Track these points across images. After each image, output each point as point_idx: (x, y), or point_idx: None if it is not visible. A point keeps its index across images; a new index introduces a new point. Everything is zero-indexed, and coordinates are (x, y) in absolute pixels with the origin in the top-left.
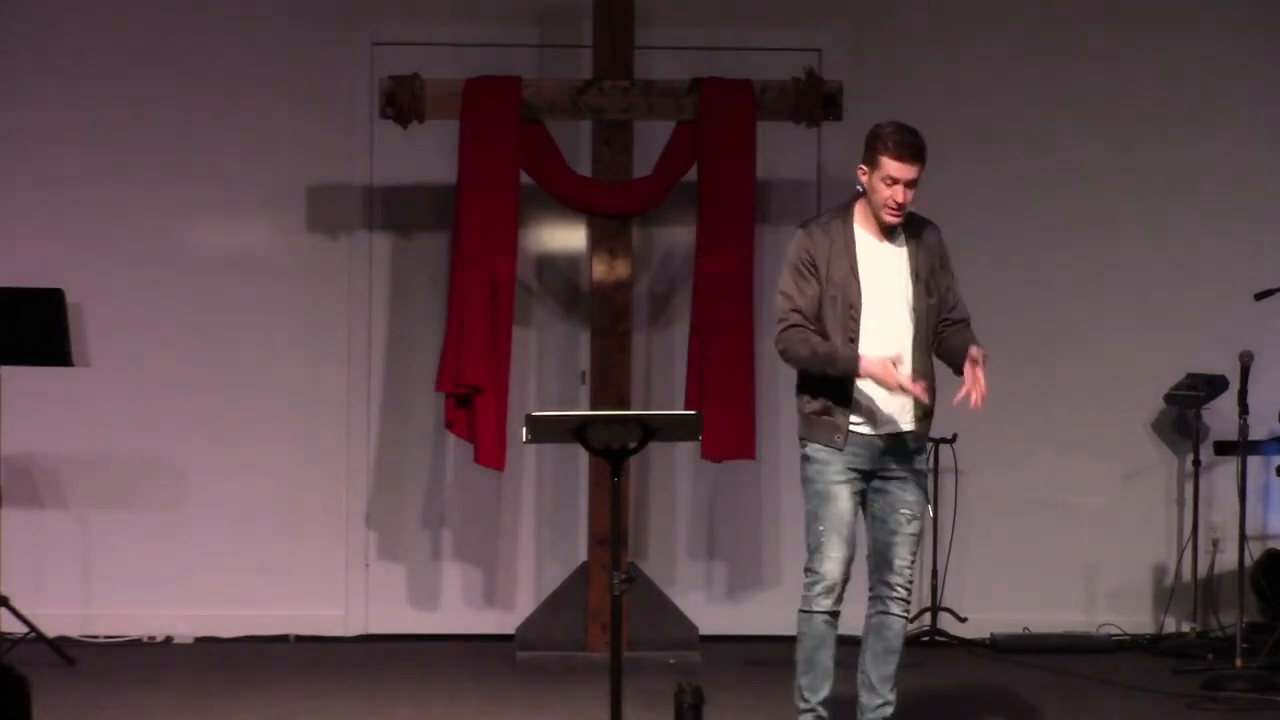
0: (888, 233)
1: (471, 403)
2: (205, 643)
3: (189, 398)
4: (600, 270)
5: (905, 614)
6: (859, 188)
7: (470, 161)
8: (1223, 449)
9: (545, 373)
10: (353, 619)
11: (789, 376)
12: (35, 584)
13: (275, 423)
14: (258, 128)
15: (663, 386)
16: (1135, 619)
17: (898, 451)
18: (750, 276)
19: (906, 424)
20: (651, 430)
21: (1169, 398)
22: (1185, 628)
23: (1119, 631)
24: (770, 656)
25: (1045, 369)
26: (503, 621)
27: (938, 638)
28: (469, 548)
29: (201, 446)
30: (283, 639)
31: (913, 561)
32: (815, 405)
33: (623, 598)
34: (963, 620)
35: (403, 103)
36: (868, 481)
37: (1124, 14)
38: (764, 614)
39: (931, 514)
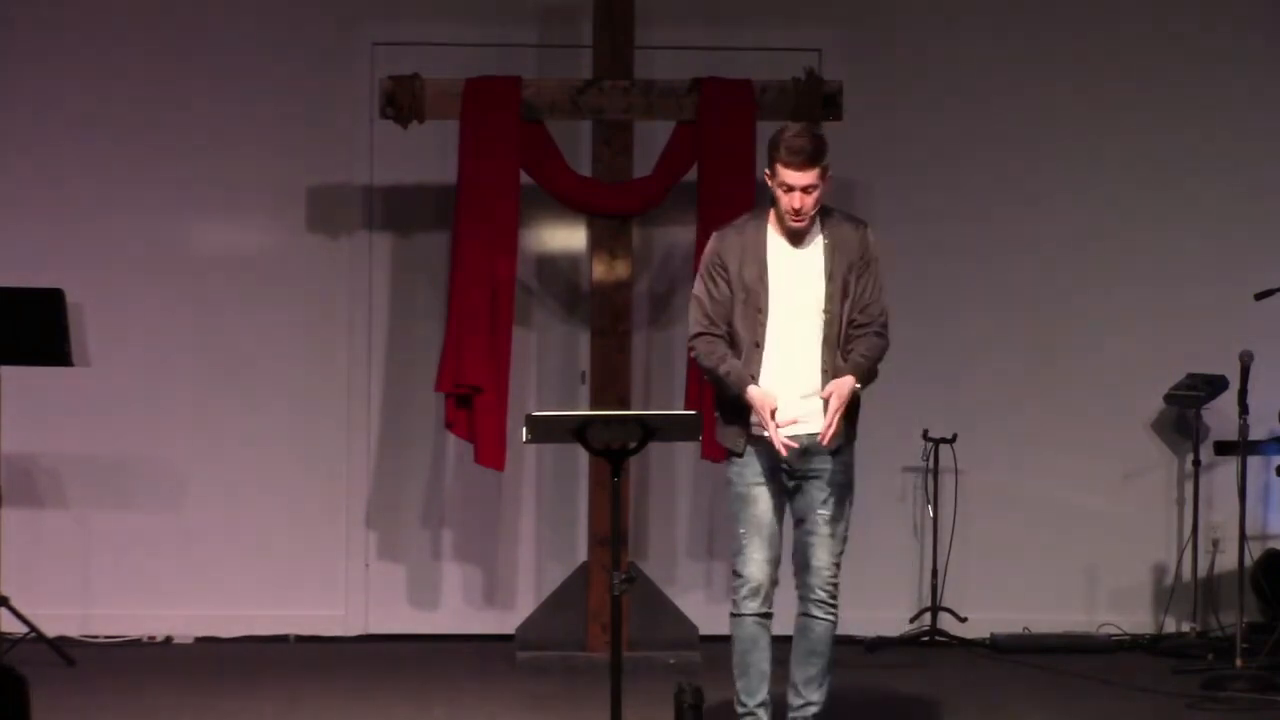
0: (803, 234)
1: (471, 403)
2: (205, 643)
3: (189, 398)
4: (600, 270)
5: (828, 616)
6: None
7: (470, 161)
8: (1223, 449)
9: (545, 373)
10: (353, 619)
11: None
12: (35, 584)
13: (275, 423)
14: (258, 127)
15: (663, 386)
16: (1135, 619)
17: (815, 452)
18: None
19: (817, 425)
20: (651, 430)
21: (1169, 398)
22: (1185, 628)
23: (1119, 631)
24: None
25: (1045, 369)
26: (503, 621)
27: (938, 638)
28: (469, 548)
29: (201, 446)
30: (283, 639)
31: (833, 563)
32: (725, 409)
33: (623, 598)
34: (963, 620)
35: (403, 103)
36: (790, 482)
37: (1124, 14)
38: None
39: (931, 514)
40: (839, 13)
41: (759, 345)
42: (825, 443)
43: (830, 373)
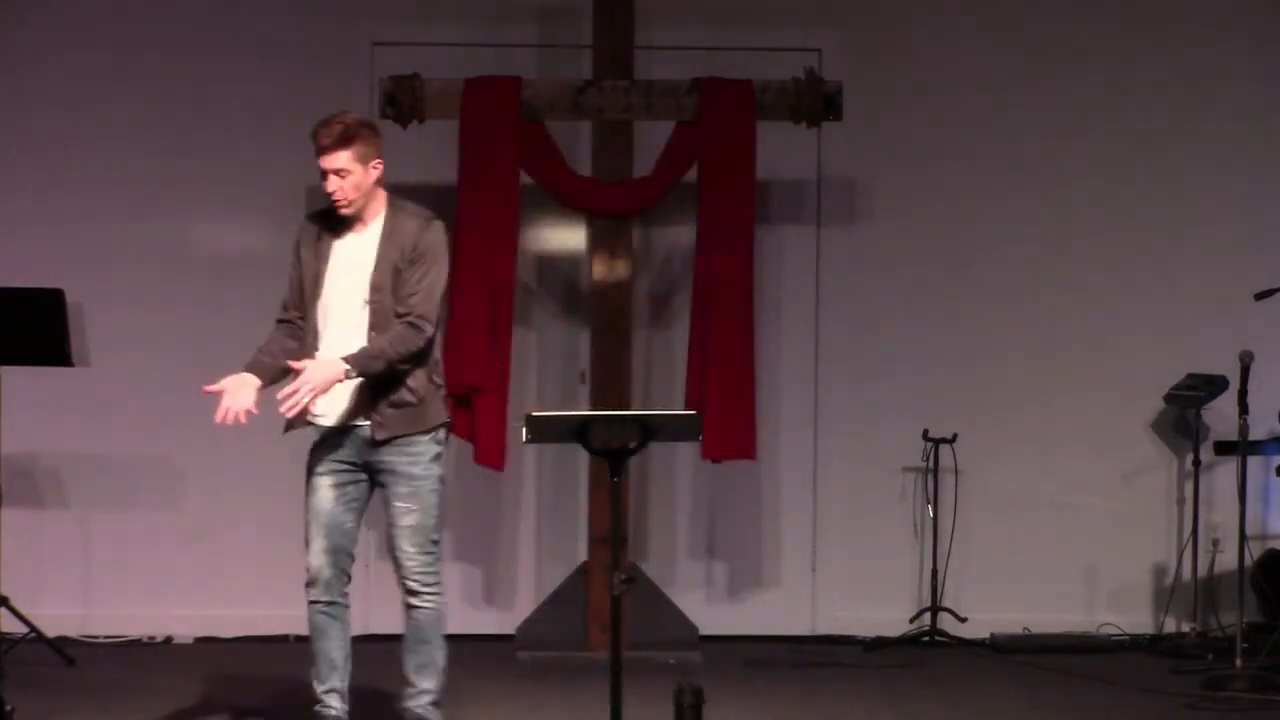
0: (363, 222)
1: (471, 403)
2: (205, 643)
3: (189, 398)
4: (600, 270)
5: (426, 604)
6: None
7: (470, 161)
8: (1223, 449)
9: (545, 373)
10: (353, 619)
11: (789, 377)
12: (35, 584)
13: (275, 423)
14: (258, 127)
15: (663, 386)
16: (1135, 619)
17: (376, 445)
18: (750, 276)
19: (363, 419)
20: (651, 430)
21: (1169, 398)
22: (1185, 628)
23: (1119, 631)
24: (770, 656)
25: (1045, 369)
26: (503, 621)
27: (938, 638)
28: (469, 548)
29: (201, 447)
30: (283, 639)
31: (417, 553)
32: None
33: (623, 598)
34: (963, 620)
35: (403, 103)
36: (370, 473)
37: (1124, 14)
38: (764, 614)
39: (931, 514)
40: (839, 13)
41: (317, 333)
42: (283, 410)
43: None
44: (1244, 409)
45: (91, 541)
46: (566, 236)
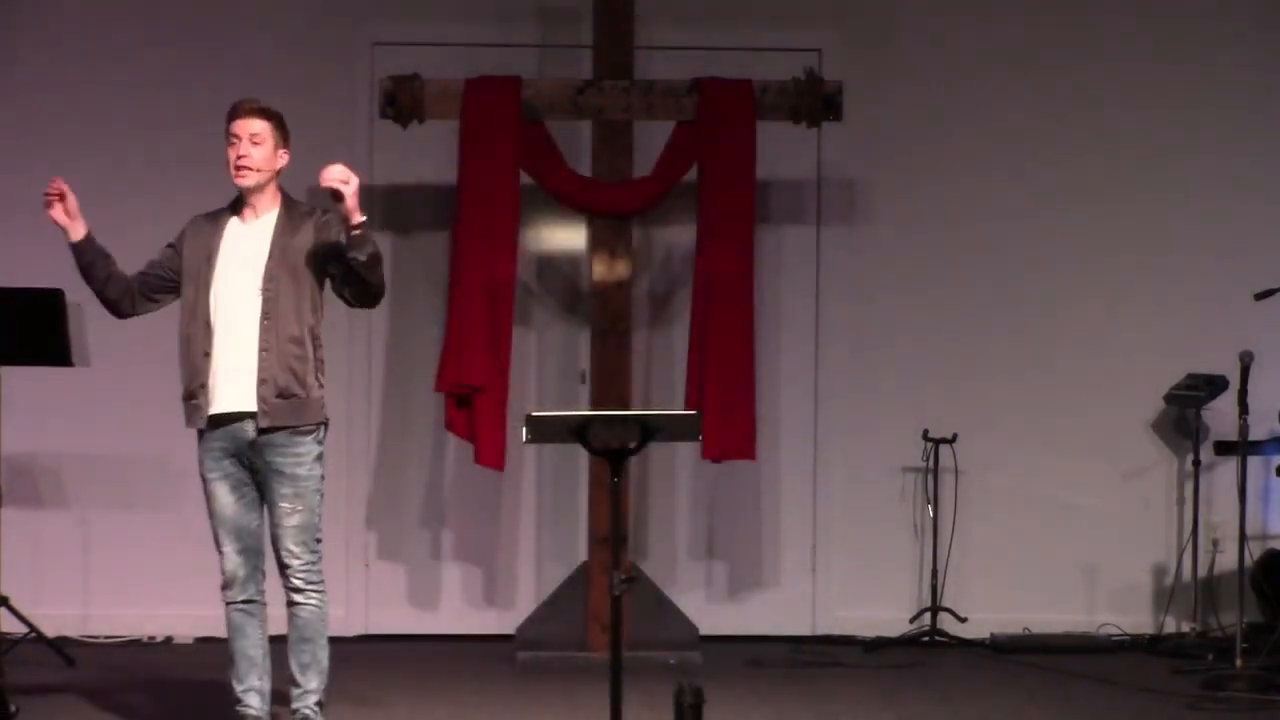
0: (254, 211)
1: (471, 403)
2: (205, 643)
3: None
4: (600, 270)
5: (310, 602)
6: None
7: (470, 161)
8: (1223, 449)
9: (545, 373)
10: (353, 619)
11: (789, 377)
12: (35, 584)
13: None
14: None
15: (663, 386)
16: (1135, 619)
17: (270, 441)
18: (750, 276)
19: (249, 404)
20: (651, 430)
21: (1169, 398)
22: (1185, 628)
23: (1119, 631)
24: (770, 656)
25: (1045, 369)
26: (503, 621)
27: (938, 638)
28: (469, 548)
29: None
30: (283, 639)
31: (302, 552)
32: (183, 390)
33: (623, 598)
34: (963, 620)
35: (403, 103)
36: (253, 474)
37: (1125, 13)
38: (764, 614)
39: (931, 514)
40: (839, 13)
41: (209, 323)
42: (325, 180)
43: (272, 351)
44: (1244, 409)
45: (91, 541)
46: (566, 236)
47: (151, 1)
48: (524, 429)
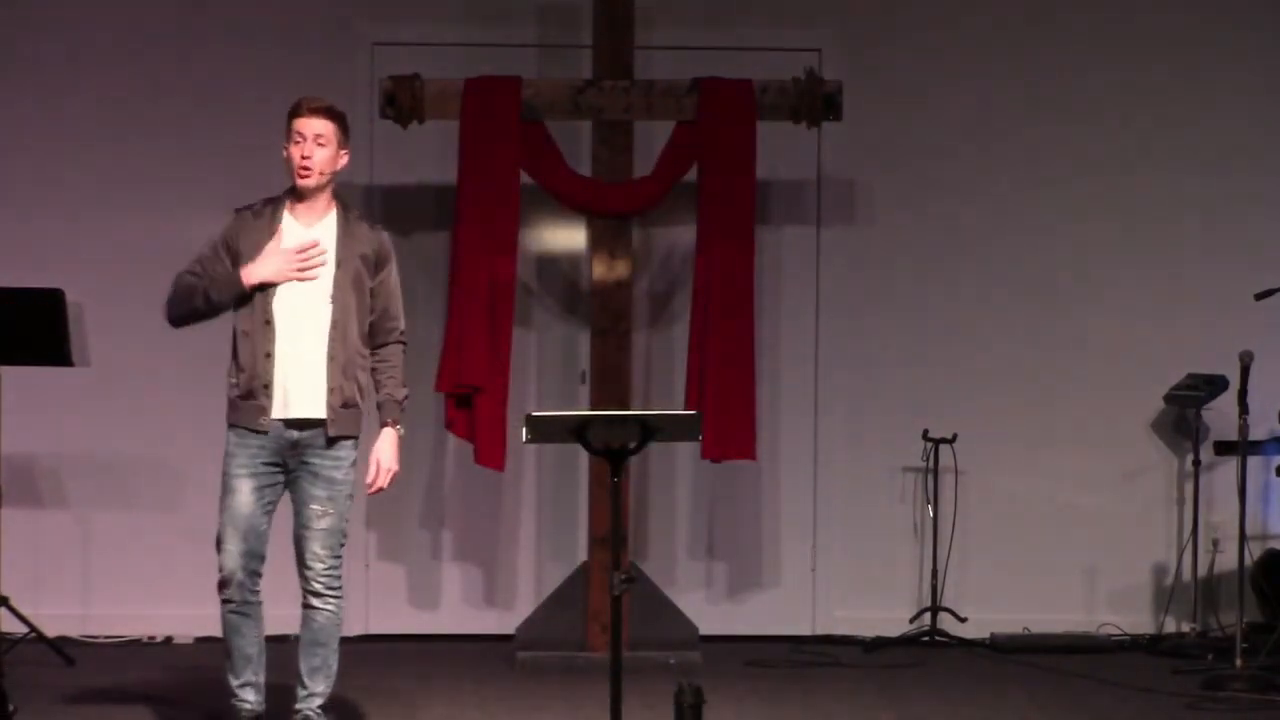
0: (311, 210)
1: (471, 403)
2: (205, 643)
3: (189, 398)
4: (600, 270)
5: (328, 607)
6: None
7: (470, 161)
8: (1223, 449)
9: (545, 373)
10: (353, 619)
11: (789, 376)
12: (35, 584)
13: None
14: (258, 127)
15: (663, 386)
16: (1135, 619)
17: (312, 442)
18: (750, 276)
19: (320, 412)
20: (651, 430)
21: (1169, 398)
22: (1185, 628)
23: (1119, 631)
24: (770, 656)
25: (1045, 369)
26: (503, 621)
27: (938, 638)
28: (469, 548)
29: (201, 446)
30: (283, 639)
31: (328, 555)
32: (238, 388)
33: (623, 598)
34: (963, 620)
35: (403, 103)
36: (286, 473)
37: (1125, 12)
38: (764, 614)
39: (931, 514)
40: (839, 13)
41: (269, 324)
42: (371, 492)
43: (339, 360)
44: (1244, 409)
45: (91, 541)
46: (566, 236)
47: (152, 3)
48: (524, 429)
